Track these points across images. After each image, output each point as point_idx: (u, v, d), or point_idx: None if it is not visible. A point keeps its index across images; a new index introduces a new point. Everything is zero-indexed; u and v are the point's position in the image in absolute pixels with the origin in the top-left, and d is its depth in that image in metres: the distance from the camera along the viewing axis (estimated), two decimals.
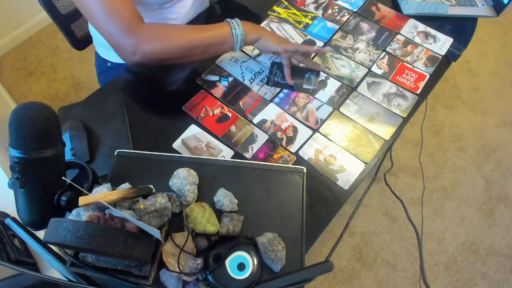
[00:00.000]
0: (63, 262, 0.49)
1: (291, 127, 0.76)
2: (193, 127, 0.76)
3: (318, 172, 0.71)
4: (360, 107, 0.79)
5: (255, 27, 0.76)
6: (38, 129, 0.48)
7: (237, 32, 0.72)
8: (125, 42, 0.65)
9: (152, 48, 0.66)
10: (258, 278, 0.51)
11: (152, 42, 0.66)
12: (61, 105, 0.79)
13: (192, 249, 0.53)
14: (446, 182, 1.62)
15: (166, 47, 0.68)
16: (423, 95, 0.82)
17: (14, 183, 0.48)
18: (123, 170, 0.62)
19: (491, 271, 1.43)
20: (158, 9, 0.85)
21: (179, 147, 0.73)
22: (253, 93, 0.81)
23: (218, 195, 0.57)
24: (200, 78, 0.83)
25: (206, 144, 0.74)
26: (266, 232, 0.55)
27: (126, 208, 0.53)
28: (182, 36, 0.68)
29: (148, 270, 0.50)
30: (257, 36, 0.75)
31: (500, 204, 1.58)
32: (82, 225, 0.42)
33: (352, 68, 0.85)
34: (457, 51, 0.89)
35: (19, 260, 0.68)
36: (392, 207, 1.55)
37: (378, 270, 1.42)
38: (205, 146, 0.73)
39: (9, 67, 1.88)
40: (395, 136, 0.76)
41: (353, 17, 0.94)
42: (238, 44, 0.74)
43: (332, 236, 1.45)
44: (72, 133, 0.71)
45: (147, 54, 0.66)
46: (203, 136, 0.75)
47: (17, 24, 1.90)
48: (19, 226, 0.49)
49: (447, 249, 1.47)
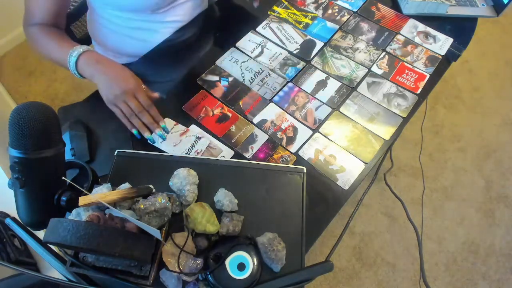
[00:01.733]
0: (63, 262, 0.49)
1: (291, 127, 0.76)
2: (193, 127, 0.76)
3: (318, 172, 0.71)
4: (360, 107, 0.79)
5: (92, 62, 0.68)
6: (38, 129, 0.48)
7: (71, 60, 0.68)
8: (24, 25, 0.77)
9: (30, 47, 0.77)
10: (258, 278, 0.51)
11: (28, 39, 0.77)
12: (61, 105, 0.79)
13: (192, 249, 0.53)
14: (446, 182, 1.62)
15: (36, 51, 0.76)
16: (423, 95, 0.82)
17: (14, 183, 0.48)
18: (123, 170, 0.62)
19: (491, 271, 1.43)
20: (152, 14, 0.85)
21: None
22: (253, 93, 0.81)
23: (218, 195, 0.57)
24: (200, 78, 0.83)
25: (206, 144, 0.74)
26: (266, 232, 0.55)
27: (126, 208, 0.53)
28: (43, 50, 0.75)
29: (148, 270, 0.50)
30: (91, 71, 0.68)
31: (500, 204, 1.58)
32: (82, 225, 0.42)
33: (352, 68, 0.85)
34: (457, 51, 0.89)
35: (19, 260, 0.68)
36: (392, 207, 1.55)
37: (378, 270, 1.42)
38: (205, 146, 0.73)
39: (9, 67, 1.88)
40: (395, 136, 0.76)
41: (353, 17, 0.94)
42: (73, 71, 0.70)
43: (332, 236, 1.45)
44: (72, 133, 0.71)
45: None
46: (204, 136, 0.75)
47: (17, 24, 1.90)
48: (19, 226, 0.49)
49: (447, 249, 1.47)
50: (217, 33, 0.93)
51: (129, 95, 0.66)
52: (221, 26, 0.95)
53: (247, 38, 0.90)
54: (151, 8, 0.83)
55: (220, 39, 0.91)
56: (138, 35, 0.90)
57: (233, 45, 0.88)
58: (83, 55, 0.68)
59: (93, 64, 0.68)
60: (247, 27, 0.92)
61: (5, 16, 1.80)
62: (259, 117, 0.78)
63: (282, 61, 0.86)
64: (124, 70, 0.69)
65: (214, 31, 0.93)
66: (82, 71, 0.69)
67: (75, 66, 0.68)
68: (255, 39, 0.90)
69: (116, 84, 0.66)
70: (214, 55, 0.87)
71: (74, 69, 0.69)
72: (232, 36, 0.90)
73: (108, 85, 0.67)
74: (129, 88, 0.66)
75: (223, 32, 0.92)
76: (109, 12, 0.86)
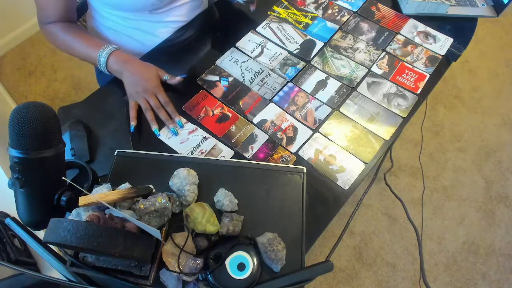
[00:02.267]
0: (63, 262, 0.49)
1: (291, 127, 0.76)
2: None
3: (318, 172, 0.71)
4: (360, 107, 0.79)
5: (121, 61, 0.76)
6: (38, 129, 0.48)
7: (101, 59, 0.76)
8: (40, 25, 0.83)
9: (50, 43, 0.83)
10: (258, 278, 0.51)
11: (48, 38, 0.83)
12: (61, 105, 0.79)
13: (192, 249, 0.53)
14: (446, 182, 1.62)
15: (57, 47, 0.83)
16: (423, 95, 0.82)
17: (14, 183, 0.48)
18: (123, 170, 0.62)
19: (491, 271, 1.43)
20: (150, 14, 0.86)
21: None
22: (253, 93, 0.81)
23: (218, 195, 0.57)
24: (200, 78, 0.83)
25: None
26: (266, 232, 0.55)
27: (126, 208, 0.53)
28: (67, 47, 0.81)
29: (148, 270, 0.50)
30: (119, 69, 0.76)
31: (500, 204, 1.58)
32: (82, 225, 0.42)
33: (352, 68, 0.85)
34: (457, 51, 0.89)
35: (19, 260, 0.68)
36: (392, 207, 1.55)
37: (378, 270, 1.42)
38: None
39: (9, 67, 1.88)
40: (395, 136, 0.76)
41: (353, 17, 0.94)
42: (102, 69, 0.78)
43: (332, 236, 1.45)
44: (72, 133, 0.71)
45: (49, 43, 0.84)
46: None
47: (17, 24, 1.91)
48: (19, 226, 0.49)
49: (447, 249, 1.47)
50: (217, 33, 0.93)
51: (150, 93, 0.75)
52: (221, 26, 0.95)
53: (247, 38, 0.90)
54: (148, 8, 0.83)
55: (220, 39, 0.91)
56: (138, 35, 0.90)
57: (233, 45, 0.88)
58: (112, 55, 0.76)
59: (121, 63, 0.76)
60: (247, 27, 0.92)
61: (5, 16, 1.80)
62: (259, 117, 0.78)
63: (282, 61, 0.86)
64: (149, 70, 0.77)
65: (214, 31, 0.93)
66: (110, 68, 0.77)
67: (105, 65, 0.77)
68: (255, 39, 0.90)
69: (139, 82, 0.75)
70: (214, 55, 0.87)
71: (104, 67, 0.77)
72: (232, 36, 0.90)
73: (133, 82, 0.75)
74: (150, 87, 0.75)
75: (223, 32, 0.92)
76: (109, 12, 0.86)
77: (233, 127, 0.76)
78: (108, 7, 0.84)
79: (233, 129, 0.76)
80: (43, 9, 0.79)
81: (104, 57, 0.76)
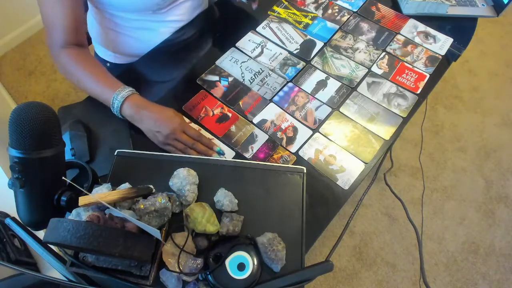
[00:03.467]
0: (63, 262, 0.49)
1: (291, 127, 0.76)
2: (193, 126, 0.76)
3: (318, 172, 0.71)
4: (360, 107, 0.79)
5: (139, 107, 0.70)
6: (38, 129, 0.48)
7: (115, 102, 0.70)
8: (51, 52, 0.76)
9: (60, 71, 0.76)
10: (258, 278, 0.51)
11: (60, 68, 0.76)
12: (61, 105, 0.79)
13: (192, 249, 0.53)
14: (446, 182, 1.62)
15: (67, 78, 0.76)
16: (423, 95, 0.82)
17: (14, 183, 0.48)
18: (123, 170, 0.62)
19: (491, 271, 1.43)
20: (154, 14, 0.85)
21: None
22: (253, 93, 0.81)
23: (218, 195, 0.57)
24: (200, 78, 0.83)
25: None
26: (266, 232, 0.55)
27: (126, 208, 0.53)
28: (78, 82, 0.74)
29: (148, 270, 0.50)
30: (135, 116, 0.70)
31: (500, 204, 1.58)
32: (82, 225, 0.42)
33: (352, 68, 0.85)
34: (457, 51, 0.89)
35: (19, 260, 0.68)
36: (392, 207, 1.55)
37: (378, 270, 1.42)
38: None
39: (9, 67, 1.88)
40: (395, 136, 0.76)
41: (353, 17, 0.94)
42: (115, 112, 0.72)
43: (332, 236, 1.45)
44: (72, 133, 0.71)
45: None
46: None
47: (17, 24, 1.91)
48: (19, 226, 0.49)
49: (447, 249, 1.47)
50: (217, 33, 0.93)
51: (178, 132, 0.69)
52: (221, 26, 0.95)
53: (247, 38, 0.90)
54: (152, 8, 0.83)
55: (220, 39, 0.91)
56: (139, 35, 0.90)
57: (233, 45, 0.88)
58: (128, 99, 0.70)
59: (137, 110, 0.70)
60: (247, 27, 0.92)
61: (5, 16, 1.80)
62: (259, 117, 0.78)
63: (282, 61, 0.86)
64: (168, 110, 0.71)
65: (214, 31, 0.93)
66: (124, 113, 0.71)
67: (119, 109, 0.70)
68: (255, 39, 0.90)
69: (164, 125, 0.69)
70: (214, 55, 0.87)
71: (118, 111, 0.71)
72: (232, 36, 0.90)
73: (156, 127, 0.69)
74: (177, 126, 0.69)
75: (223, 32, 0.92)
76: (110, 12, 0.86)
77: (233, 127, 0.76)
78: (111, 7, 0.84)
79: (233, 129, 0.76)
80: (50, 33, 0.73)
81: (119, 100, 0.69)
